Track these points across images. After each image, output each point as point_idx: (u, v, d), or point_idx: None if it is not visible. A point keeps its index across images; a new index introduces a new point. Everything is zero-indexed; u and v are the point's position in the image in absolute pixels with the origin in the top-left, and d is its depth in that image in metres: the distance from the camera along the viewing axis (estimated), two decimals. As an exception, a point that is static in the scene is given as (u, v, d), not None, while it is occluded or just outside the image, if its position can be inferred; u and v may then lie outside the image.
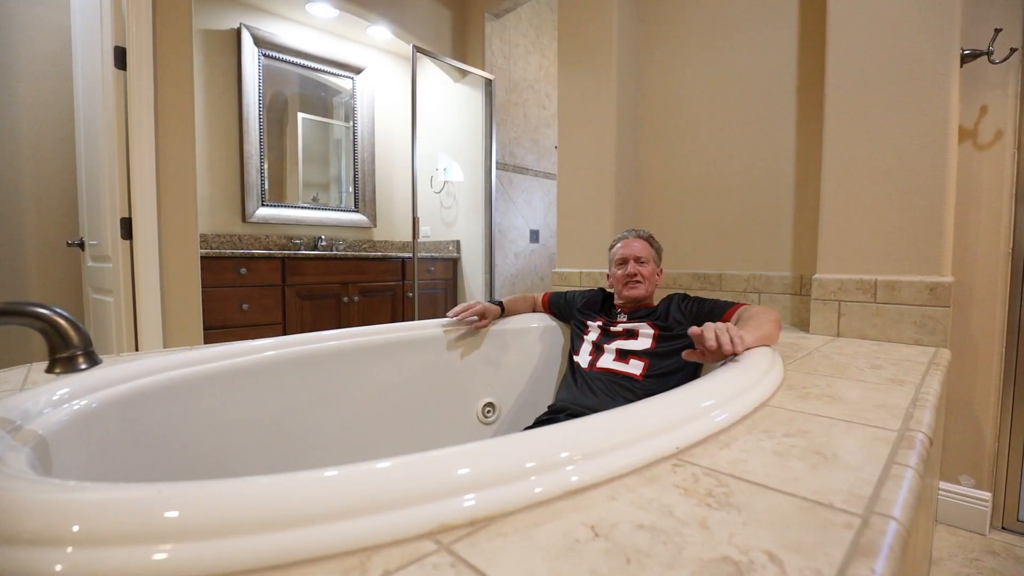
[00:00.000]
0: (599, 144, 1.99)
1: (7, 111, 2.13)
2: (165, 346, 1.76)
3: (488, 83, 2.94)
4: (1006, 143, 1.32)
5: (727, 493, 0.46)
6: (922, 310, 1.27)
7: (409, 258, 2.85)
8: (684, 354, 0.95)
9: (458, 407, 1.41)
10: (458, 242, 3.16)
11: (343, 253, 2.61)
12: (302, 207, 2.96)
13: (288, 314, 2.44)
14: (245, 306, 2.29)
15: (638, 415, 0.57)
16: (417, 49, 2.59)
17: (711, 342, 0.87)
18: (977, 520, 1.39)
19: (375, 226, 3.24)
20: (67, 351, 0.54)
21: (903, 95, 1.28)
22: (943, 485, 1.45)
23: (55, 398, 0.64)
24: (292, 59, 2.87)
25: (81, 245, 2.17)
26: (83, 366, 0.55)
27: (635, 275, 1.34)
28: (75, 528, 0.34)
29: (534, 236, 3.32)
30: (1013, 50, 1.26)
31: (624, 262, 1.36)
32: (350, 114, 3.14)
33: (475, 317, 1.43)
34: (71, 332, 0.54)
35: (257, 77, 2.74)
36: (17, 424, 0.58)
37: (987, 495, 1.40)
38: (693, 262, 1.90)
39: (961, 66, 1.27)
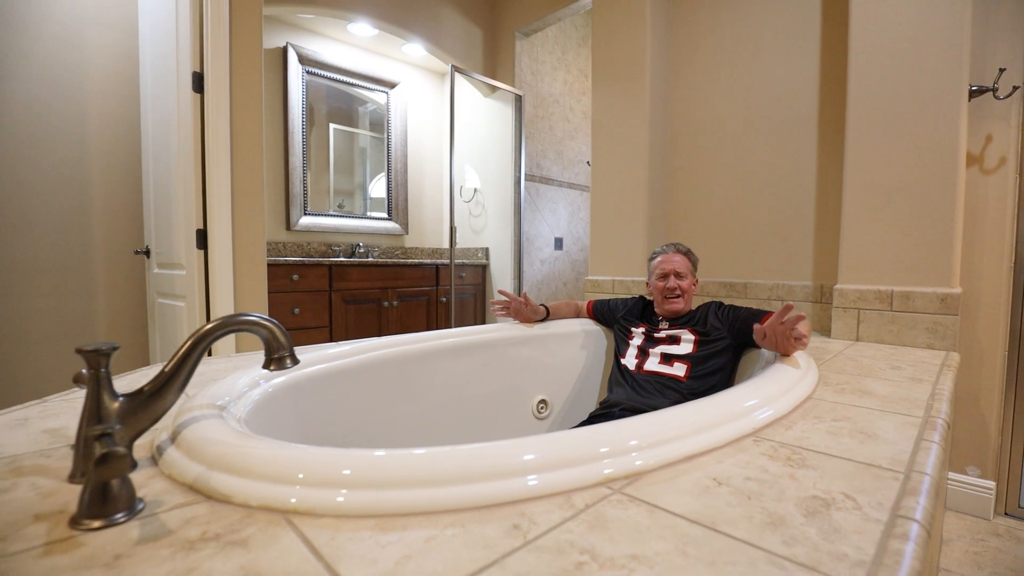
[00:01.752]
0: (632, 160, 2.15)
1: (79, 128, 2.30)
2: (237, 349, 1.92)
3: (518, 99, 3.11)
4: (1009, 168, 1.48)
5: (802, 459, 0.61)
6: (933, 318, 1.43)
7: (443, 264, 3.01)
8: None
9: (515, 403, 1.56)
10: (487, 249, 3.32)
11: (383, 260, 2.77)
12: (340, 215, 3.13)
13: (334, 318, 2.60)
14: (296, 310, 2.45)
15: (721, 404, 0.73)
16: (455, 69, 2.75)
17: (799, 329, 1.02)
18: (982, 506, 1.55)
19: (407, 233, 3.40)
20: (279, 352, 0.70)
21: (917, 126, 1.44)
22: (951, 475, 1.61)
23: (249, 382, 0.82)
24: (333, 75, 3.03)
25: (147, 253, 2.33)
26: (289, 364, 0.70)
27: (675, 289, 1.49)
28: (300, 476, 0.50)
29: (558, 243, 3.48)
30: (1015, 87, 1.42)
31: (665, 276, 1.51)
32: (384, 127, 3.31)
33: (499, 309, 1.63)
34: (283, 339, 0.69)
35: (301, 92, 2.91)
36: (228, 400, 0.76)
37: (991, 484, 1.55)
38: (720, 271, 2.06)
39: (969, 100, 1.43)
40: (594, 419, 1.38)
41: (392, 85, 3.28)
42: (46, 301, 2.24)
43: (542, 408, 1.61)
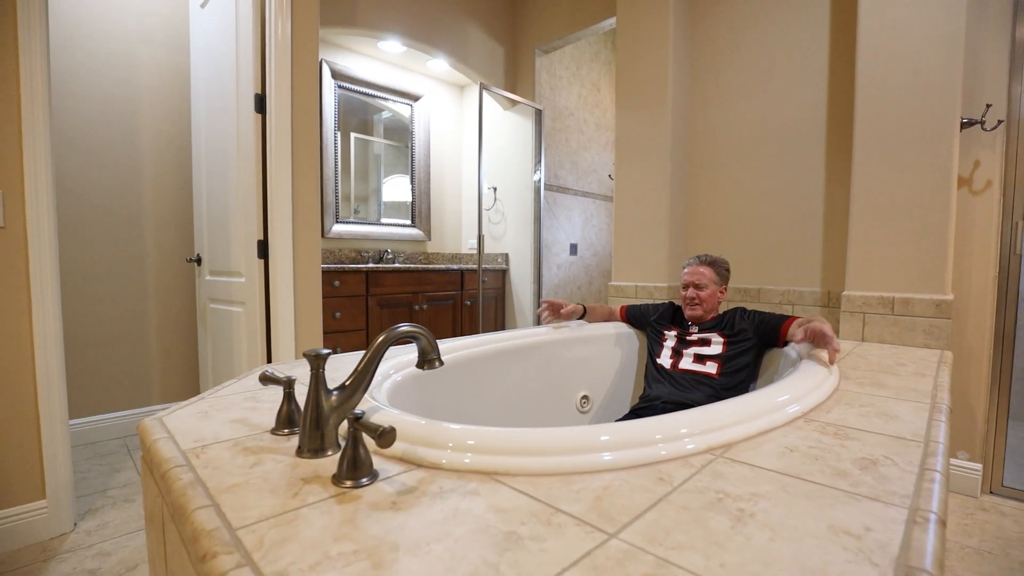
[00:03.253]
0: (654, 176, 2.35)
1: (132, 142, 2.44)
2: (297, 349, 2.08)
3: (538, 113, 3.29)
4: (994, 190, 1.69)
5: (845, 434, 0.80)
6: (929, 321, 1.63)
7: (466, 269, 3.19)
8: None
9: (562, 398, 1.75)
10: (507, 255, 3.50)
11: (414, 266, 2.94)
12: (369, 223, 3.29)
13: (371, 321, 2.77)
14: (337, 314, 2.62)
15: (779, 393, 0.92)
16: (483, 86, 2.92)
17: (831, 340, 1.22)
18: (971, 486, 1.76)
19: (429, 239, 3.57)
20: (430, 356, 0.87)
21: (916, 152, 1.65)
22: (944, 459, 1.82)
23: (381, 375, 1.01)
24: (362, 89, 3.19)
25: (198, 261, 2.48)
26: (437, 365, 0.88)
27: (693, 299, 1.68)
28: (449, 445, 0.68)
29: (573, 249, 3.67)
30: (1000, 121, 1.63)
31: (686, 287, 1.71)
32: (404, 136, 3.47)
33: (547, 312, 1.82)
34: (433, 345, 0.87)
35: (334, 106, 3.07)
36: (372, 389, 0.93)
37: (979, 466, 1.76)
38: (735, 278, 2.26)
39: (961, 131, 1.64)
40: (638, 412, 1.57)
41: (416, 98, 3.45)
42: (102, 306, 2.38)
43: (584, 403, 1.80)
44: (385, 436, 0.60)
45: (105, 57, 2.38)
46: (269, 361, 2.08)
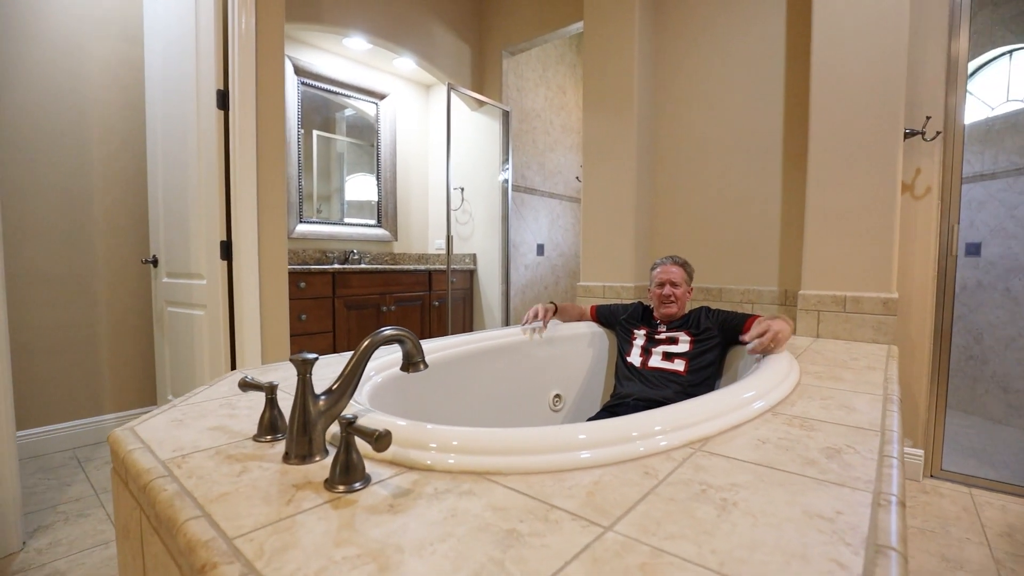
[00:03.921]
0: (622, 176, 2.41)
1: (80, 136, 2.31)
2: (263, 353, 2.02)
3: (506, 114, 3.31)
4: (933, 196, 1.83)
5: (811, 425, 0.86)
6: (877, 318, 1.75)
7: (435, 270, 3.17)
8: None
9: (535, 398, 1.77)
10: (475, 255, 3.50)
11: (382, 267, 2.90)
12: (334, 223, 3.22)
13: (338, 323, 2.71)
14: (303, 317, 2.56)
15: (748, 389, 0.97)
16: (451, 87, 2.91)
17: (767, 341, 1.29)
18: (914, 471, 1.90)
19: (396, 240, 3.53)
20: (415, 359, 0.87)
21: (864, 160, 1.76)
22: (890, 446, 1.95)
23: (370, 375, 1.00)
24: (326, 86, 3.13)
25: (154, 262, 2.37)
26: (422, 368, 0.88)
27: (670, 296, 1.75)
28: (432, 445, 0.69)
29: (540, 250, 3.71)
30: (938, 132, 1.77)
31: (662, 284, 1.76)
32: (369, 135, 3.42)
33: (540, 323, 1.82)
34: (418, 348, 0.87)
35: (297, 103, 2.99)
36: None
37: (921, 452, 1.90)
38: (697, 278, 2.34)
39: (904, 140, 1.76)
40: (610, 409, 1.61)
41: (382, 96, 3.40)
42: (50, 312, 2.24)
43: (557, 401, 1.83)
44: (381, 440, 0.60)
45: (50, 45, 2.23)
46: (233, 366, 2.02)
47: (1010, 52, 2.83)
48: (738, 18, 2.22)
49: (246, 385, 0.85)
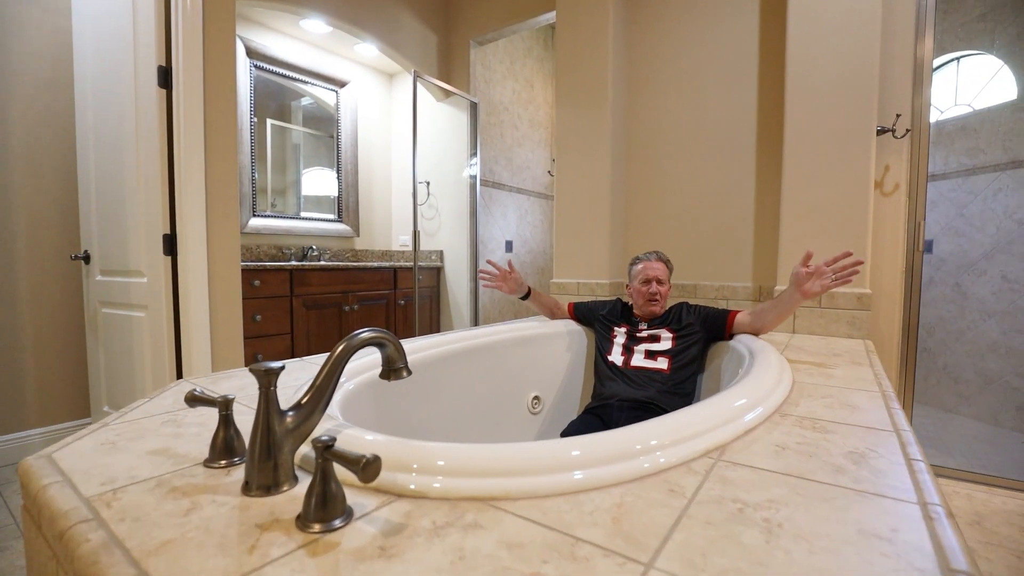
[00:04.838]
0: (596, 171, 2.35)
1: (-3, 118, 2.04)
2: (213, 359, 1.84)
3: (473, 106, 3.20)
4: (901, 192, 1.86)
5: (822, 427, 0.81)
6: (852, 313, 1.76)
7: (400, 267, 3.03)
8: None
9: (514, 400, 1.69)
10: (441, 252, 3.38)
11: (344, 264, 2.74)
12: (292, 218, 3.03)
13: (296, 324, 2.54)
14: (258, 317, 2.37)
15: (754, 391, 0.92)
16: (417, 75, 2.78)
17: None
18: (883, 462, 1.93)
19: (358, 236, 3.36)
20: (396, 365, 0.77)
21: (838, 157, 1.77)
22: (860, 439, 1.98)
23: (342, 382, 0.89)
24: (282, 71, 2.92)
25: (85, 258, 2.13)
26: (405, 375, 0.78)
27: (656, 294, 1.70)
28: (420, 466, 0.60)
29: (508, 246, 3.63)
30: (908, 130, 1.80)
31: (648, 281, 1.71)
32: (328, 125, 3.23)
33: (494, 271, 1.80)
34: (400, 352, 0.77)
35: (249, 88, 2.78)
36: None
37: (889, 444, 1.94)
38: (673, 274, 2.32)
39: (877, 136, 1.78)
40: (593, 411, 1.54)
41: (343, 84, 3.22)
42: (-43, 314, 1.97)
43: (536, 403, 1.75)
44: (369, 468, 0.50)
45: (-45, 12, 1.96)
46: (180, 374, 1.83)
47: (958, 59, 2.96)
48: (712, 11, 2.20)
49: (195, 400, 0.72)
